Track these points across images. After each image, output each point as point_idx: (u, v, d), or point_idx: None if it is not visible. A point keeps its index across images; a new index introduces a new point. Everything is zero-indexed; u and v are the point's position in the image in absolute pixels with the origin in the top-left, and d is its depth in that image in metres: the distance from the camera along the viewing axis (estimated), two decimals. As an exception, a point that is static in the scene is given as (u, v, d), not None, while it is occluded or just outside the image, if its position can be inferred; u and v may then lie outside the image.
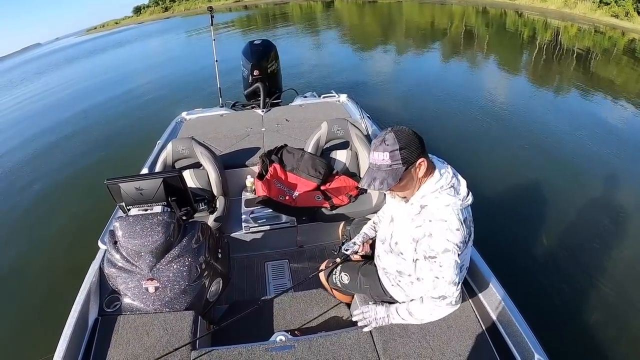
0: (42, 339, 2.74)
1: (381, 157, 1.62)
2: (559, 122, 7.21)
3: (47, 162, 8.02)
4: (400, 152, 1.59)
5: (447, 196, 1.64)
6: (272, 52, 5.87)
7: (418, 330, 1.95)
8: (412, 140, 1.61)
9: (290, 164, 3.54)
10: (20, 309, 4.01)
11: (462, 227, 1.61)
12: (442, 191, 1.65)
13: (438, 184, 1.66)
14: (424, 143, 1.65)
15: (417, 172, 1.65)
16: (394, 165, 1.60)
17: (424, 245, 1.66)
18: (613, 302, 3.44)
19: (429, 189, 1.67)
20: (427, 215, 1.66)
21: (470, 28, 20.58)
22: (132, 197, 2.26)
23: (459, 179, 1.73)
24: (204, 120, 5.01)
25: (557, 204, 4.77)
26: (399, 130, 1.63)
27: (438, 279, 1.68)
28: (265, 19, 35.64)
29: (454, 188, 1.68)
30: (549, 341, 1.97)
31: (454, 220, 1.60)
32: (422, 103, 8.65)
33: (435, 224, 1.63)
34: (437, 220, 1.62)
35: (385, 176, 1.62)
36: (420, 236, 1.68)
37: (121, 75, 17.10)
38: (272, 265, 3.26)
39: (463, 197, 1.67)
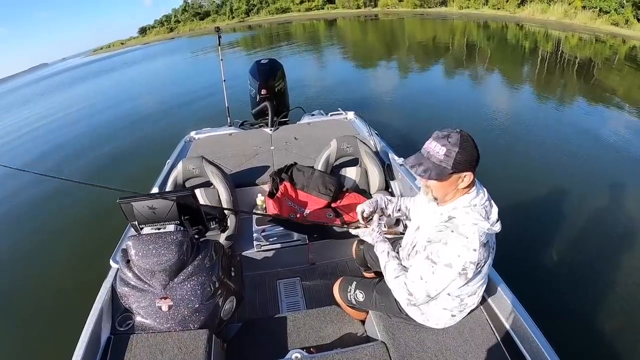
0: (54, 357, 2.73)
1: (437, 148, 1.62)
2: (564, 132, 7.25)
3: (58, 180, 8.06)
4: (456, 155, 1.59)
5: (478, 215, 1.64)
6: (279, 71, 5.93)
7: (434, 345, 1.94)
8: (471, 151, 1.61)
9: (300, 182, 3.55)
10: (32, 327, 4.01)
11: (480, 249, 1.60)
12: (474, 209, 1.65)
13: (473, 201, 1.67)
14: (478, 161, 1.65)
15: (459, 181, 1.65)
16: (444, 163, 1.61)
17: (434, 248, 1.66)
18: (628, 310, 3.40)
19: (462, 204, 1.68)
20: (452, 226, 1.65)
21: (472, 42, 20.72)
22: (145, 215, 2.26)
23: (491, 203, 1.73)
24: (213, 139, 5.04)
25: (568, 211, 4.77)
26: (466, 136, 1.63)
27: (421, 280, 1.69)
28: (270, 39, 36.01)
29: (486, 211, 1.68)
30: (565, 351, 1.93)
31: (475, 240, 1.60)
32: (427, 118, 8.69)
33: (455, 237, 1.62)
34: (458, 234, 1.62)
35: (431, 167, 1.63)
36: (436, 239, 1.67)
37: (129, 95, 17.30)
38: (284, 283, 3.25)
39: (492, 223, 1.66)
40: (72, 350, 2.05)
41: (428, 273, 1.67)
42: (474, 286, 1.83)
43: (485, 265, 1.71)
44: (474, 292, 1.89)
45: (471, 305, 1.98)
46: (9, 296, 4.63)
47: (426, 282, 1.68)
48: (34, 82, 44.41)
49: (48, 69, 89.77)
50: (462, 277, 1.65)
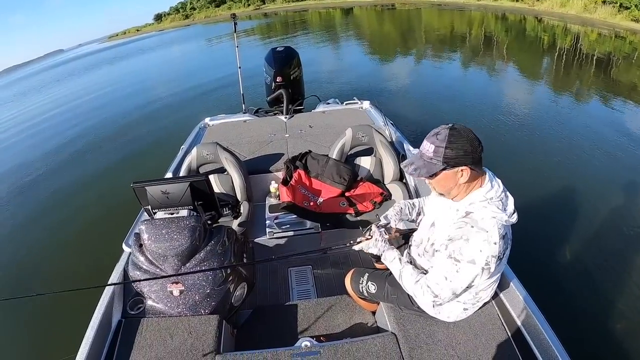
0: (65, 339, 2.75)
1: (427, 147, 1.63)
2: (582, 128, 7.07)
3: (73, 165, 8.19)
4: (444, 151, 1.58)
5: (495, 208, 1.62)
6: (294, 59, 5.90)
7: (445, 338, 1.93)
8: (462, 145, 1.58)
9: (314, 170, 3.53)
10: (44, 309, 4.05)
11: (500, 242, 1.59)
12: (491, 202, 1.63)
13: (488, 195, 1.65)
14: (479, 153, 1.62)
15: (458, 176, 1.63)
16: (434, 160, 1.61)
17: (456, 246, 1.64)
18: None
19: (478, 198, 1.66)
20: (472, 221, 1.64)
21: (489, 34, 20.40)
22: (158, 200, 2.26)
23: (507, 195, 1.71)
24: (227, 126, 5.03)
25: (584, 208, 4.69)
26: (457, 130, 1.61)
27: (446, 281, 1.68)
28: (285, 26, 35.83)
29: (502, 203, 1.65)
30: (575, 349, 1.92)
31: (495, 233, 1.58)
32: (443, 110, 8.57)
33: (476, 232, 1.60)
34: (479, 229, 1.60)
35: (421, 165, 1.65)
36: (457, 236, 1.65)
37: (144, 81, 17.35)
38: (296, 271, 3.23)
39: (509, 214, 1.64)
40: (84, 333, 2.07)
41: (452, 272, 1.66)
42: (489, 280, 1.81)
43: (504, 257, 1.69)
44: (489, 285, 1.87)
45: (484, 299, 1.96)
46: (23, 278, 4.69)
47: (451, 281, 1.67)
48: (50, 68, 44.78)
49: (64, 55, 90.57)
50: (486, 271, 1.64)
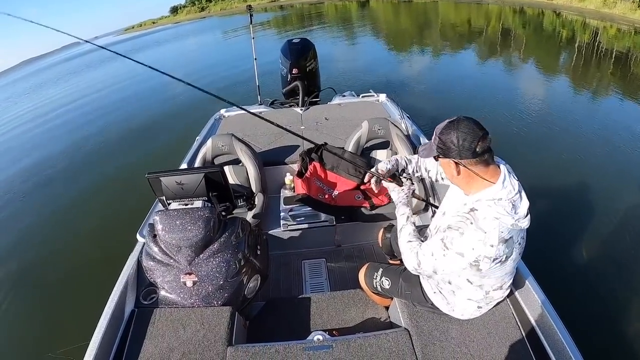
0: (78, 327, 2.78)
1: (434, 136, 1.68)
2: (602, 126, 6.92)
3: (89, 156, 8.30)
4: (437, 139, 1.63)
5: (502, 209, 1.53)
6: (310, 51, 5.85)
7: (458, 335, 1.91)
8: (450, 137, 1.57)
9: (330, 163, 3.50)
10: (58, 297, 4.12)
11: (499, 246, 1.53)
12: (498, 203, 1.54)
13: (497, 195, 1.56)
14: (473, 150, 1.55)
15: (452, 168, 1.63)
16: (434, 145, 1.67)
17: (450, 234, 1.61)
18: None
19: (486, 196, 1.58)
20: (472, 218, 1.57)
21: (507, 28, 20.15)
22: (172, 191, 2.25)
23: (522, 196, 1.60)
24: (243, 117, 5.00)
25: (603, 207, 4.59)
26: (455, 122, 1.59)
27: (432, 257, 1.69)
28: (301, 19, 35.80)
29: (513, 205, 1.56)
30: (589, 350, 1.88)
31: (494, 236, 1.52)
32: (459, 104, 8.49)
33: (473, 230, 1.55)
34: (477, 228, 1.55)
35: (427, 147, 1.73)
36: (454, 227, 1.61)
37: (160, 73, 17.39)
38: (309, 264, 3.22)
39: (519, 218, 1.55)
40: (97, 322, 2.08)
41: (439, 253, 1.65)
42: (498, 280, 1.78)
43: (508, 260, 1.62)
44: (500, 286, 1.83)
45: (498, 299, 1.93)
46: (38, 267, 4.76)
47: (436, 259, 1.67)
48: (66, 61, 45.31)
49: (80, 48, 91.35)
50: (474, 268, 1.60)
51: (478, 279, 1.74)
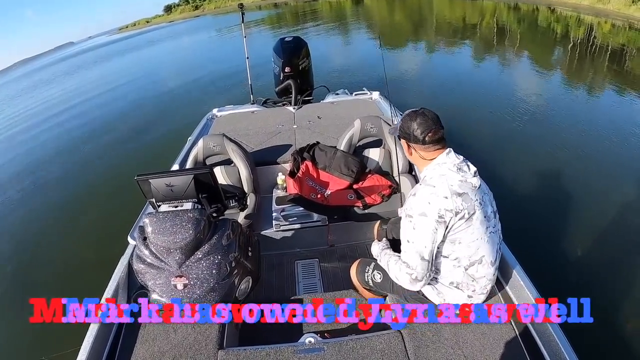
0: (70, 330, 2.77)
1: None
2: (594, 121, 6.94)
3: (80, 157, 8.28)
4: (400, 123, 1.92)
5: (445, 169, 1.76)
6: (303, 49, 5.84)
7: (451, 337, 1.90)
8: (406, 124, 1.86)
9: (322, 162, 3.48)
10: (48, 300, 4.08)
11: (454, 198, 1.68)
12: (441, 166, 1.78)
13: (439, 161, 1.80)
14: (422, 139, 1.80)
15: (406, 148, 1.95)
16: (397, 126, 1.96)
17: (407, 204, 1.79)
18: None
19: (431, 167, 1.82)
20: (421, 181, 1.83)
21: (502, 25, 20.18)
22: (162, 193, 2.23)
23: (468, 164, 1.83)
24: (235, 117, 5.01)
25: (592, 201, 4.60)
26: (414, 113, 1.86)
27: (409, 243, 1.76)
28: (295, 17, 35.80)
29: (458, 168, 1.77)
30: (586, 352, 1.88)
31: (443, 187, 1.70)
32: (453, 101, 8.47)
33: (422, 188, 1.76)
34: (426, 185, 1.76)
35: (394, 128, 2.04)
36: (409, 195, 1.83)
37: (153, 73, 17.43)
38: (302, 264, 3.21)
39: (467, 175, 1.76)
40: (88, 325, 2.07)
41: (409, 230, 1.74)
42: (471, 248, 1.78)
43: (473, 219, 1.73)
44: (477, 259, 1.81)
45: (484, 284, 1.90)
46: (31, 270, 4.73)
47: (413, 242, 1.74)
48: (59, 61, 45.15)
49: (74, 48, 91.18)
50: (442, 224, 1.69)
51: (450, 248, 1.78)
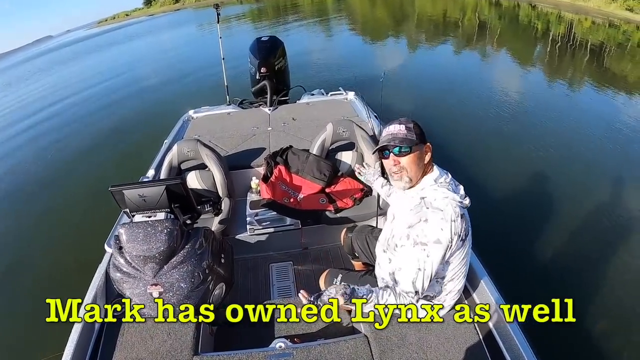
0: (50, 341, 2.81)
1: (397, 128, 1.78)
2: (571, 120, 7.09)
3: (56, 161, 8.13)
4: (413, 127, 1.78)
5: (445, 190, 1.72)
6: (279, 49, 5.86)
7: (416, 341, 1.96)
8: (419, 125, 1.81)
9: (295, 166, 3.54)
10: (28, 310, 4.07)
11: (458, 220, 1.66)
12: (441, 185, 1.75)
13: (438, 180, 1.78)
14: None
15: (424, 154, 1.79)
16: (409, 135, 1.75)
17: (418, 230, 1.71)
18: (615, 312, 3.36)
19: (428, 183, 1.78)
20: (426, 203, 1.74)
21: (483, 21, 20.35)
22: (135, 203, 2.28)
23: (456, 183, 1.82)
24: (211, 118, 5.03)
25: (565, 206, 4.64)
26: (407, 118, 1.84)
27: (420, 272, 1.69)
28: (276, 11, 35.54)
29: (452, 187, 1.76)
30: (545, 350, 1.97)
31: (450, 211, 1.66)
32: (431, 100, 8.57)
33: (432, 212, 1.69)
34: (434, 209, 1.69)
35: (403, 139, 1.74)
36: (415, 221, 1.74)
37: (129, 72, 17.04)
38: (277, 267, 3.28)
39: (461, 197, 1.73)
40: (68, 334, 2.12)
41: (423, 259, 1.67)
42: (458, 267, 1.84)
43: (466, 240, 1.75)
44: (459, 274, 1.88)
45: (455, 296, 1.98)
46: (9, 279, 4.69)
47: (425, 269, 1.68)
48: (36, 57, 44.20)
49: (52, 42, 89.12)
50: (449, 248, 1.69)
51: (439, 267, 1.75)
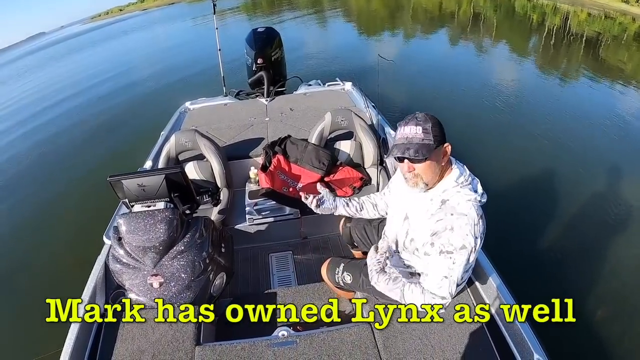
0: (50, 333, 2.79)
1: (414, 130, 1.64)
2: (569, 111, 7.02)
3: (53, 155, 8.07)
4: (431, 129, 1.63)
5: (468, 191, 1.68)
6: (275, 40, 5.84)
7: (419, 327, 1.96)
8: (440, 122, 1.68)
9: (294, 155, 3.53)
10: (28, 302, 4.05)
11: (480, 222, 1.64)
12: (463, 186, 1.70)
13: (459, 180, 1.71)
14: None
15: (442, 156, 1.69)
16: (426, 140, 1.63)
17: (444, 239, 1.66)
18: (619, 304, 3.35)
19: (450, 184, 1.71)
20: (449, 209, 1.68)
21: (478, 12, 20.27)
22: (135, 193, 2.27)
23: (473, 176, 1.77)
24: (208, 110, 5.00)
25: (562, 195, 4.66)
26: (428, 113, 1.68)
27: (447, 279, 1.67)
28: (271, 4, 35.27)
29: (472, 185, 1.73)
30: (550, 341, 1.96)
31: (473, 214, 1.63)
32: (428, 91, 8.48)
33: (457, 218, 1.64)
34: (458, 214, 1.64)
35: (419, 147, 1.63)
36: (440, 229, 1.68)
37: (124, 65, 16.92)
38: (276, 257, 3.27)
39: (480, 194, 1.70)
40: (68, 326, 2.10)
41: (449, 267, 1.66)
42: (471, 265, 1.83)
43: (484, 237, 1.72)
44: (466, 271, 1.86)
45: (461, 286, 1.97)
46: (7, 274, 4.64)
47: (451, 276, 1.66)
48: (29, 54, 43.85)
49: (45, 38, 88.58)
50: (473, 253, 1.67)
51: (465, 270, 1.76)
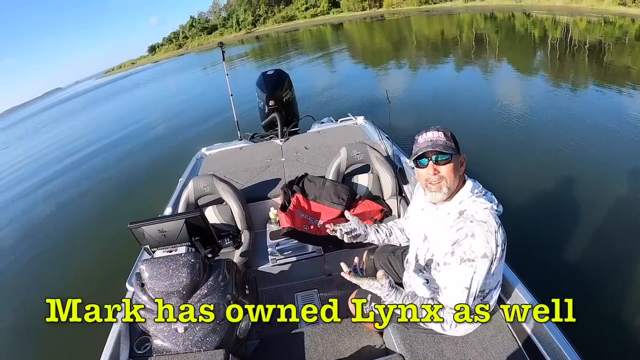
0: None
1: (436, 134, 1.71)
2: (582, 121, 7.03)
3: (76, 206, 8.27)
4: (451, 136, 1.72)
5: (483, 200, 1.70)
6: (285, 81, 5.93)
7: (454, 355, 1.88)
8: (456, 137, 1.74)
9: (312, 193, 3.53)
10: (52, 350, 4.06)
11: (500, 229, 1.64)
12: (478, 196, 1.72)
13: (474, 191, 1.74)
14: None
15: (460, 165, 1.73)
16: (449, 142, 1.69)
17: (465, 247, 1.64)
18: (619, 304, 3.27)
19: (466, 195, 1.73)
20: (468, 217, 1.68)
21: (480, 35, 20.57)
22: (156, 239, 2.27)
23: (487, 190, 1.79)
24: (224, 154, 5.06)
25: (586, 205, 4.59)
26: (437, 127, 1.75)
27: (467, 290, 1.65)
28: (278, 48, 36.26)
29: (487, 196, 1.74)
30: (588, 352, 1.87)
31: (492, 222, 1.63)
32: (439, 116, 8.60)
33: (477, 225, 1.64)
34: (478, 222, 1.64)
35: (444, 145, 1.67)
36: (461, 237, 1.66)
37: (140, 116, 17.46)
38: (302, 296, 3.22)
39: (496, 204, 1.71)
40: None
41: (470, 276, 1.64)
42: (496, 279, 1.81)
43: (505, 248, 1.69)
44: (495, 286, 1.83)
45: (491, 305, 1.90)
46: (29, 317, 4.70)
47: (471, 286, 1.65)
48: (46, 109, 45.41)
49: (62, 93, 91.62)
50: (495, 261, 1.65)
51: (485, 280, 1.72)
